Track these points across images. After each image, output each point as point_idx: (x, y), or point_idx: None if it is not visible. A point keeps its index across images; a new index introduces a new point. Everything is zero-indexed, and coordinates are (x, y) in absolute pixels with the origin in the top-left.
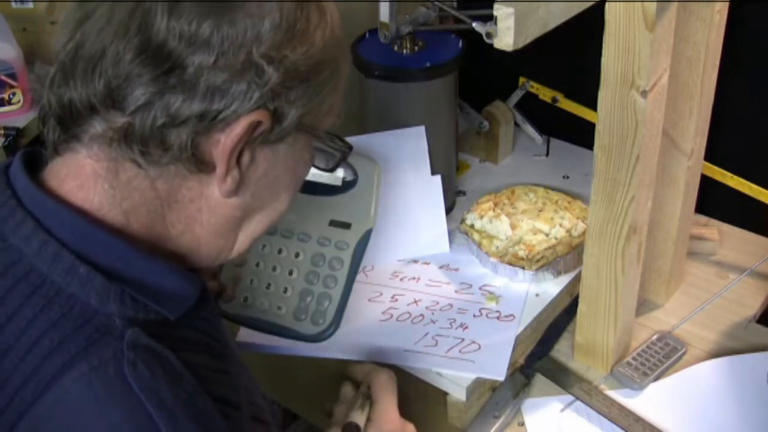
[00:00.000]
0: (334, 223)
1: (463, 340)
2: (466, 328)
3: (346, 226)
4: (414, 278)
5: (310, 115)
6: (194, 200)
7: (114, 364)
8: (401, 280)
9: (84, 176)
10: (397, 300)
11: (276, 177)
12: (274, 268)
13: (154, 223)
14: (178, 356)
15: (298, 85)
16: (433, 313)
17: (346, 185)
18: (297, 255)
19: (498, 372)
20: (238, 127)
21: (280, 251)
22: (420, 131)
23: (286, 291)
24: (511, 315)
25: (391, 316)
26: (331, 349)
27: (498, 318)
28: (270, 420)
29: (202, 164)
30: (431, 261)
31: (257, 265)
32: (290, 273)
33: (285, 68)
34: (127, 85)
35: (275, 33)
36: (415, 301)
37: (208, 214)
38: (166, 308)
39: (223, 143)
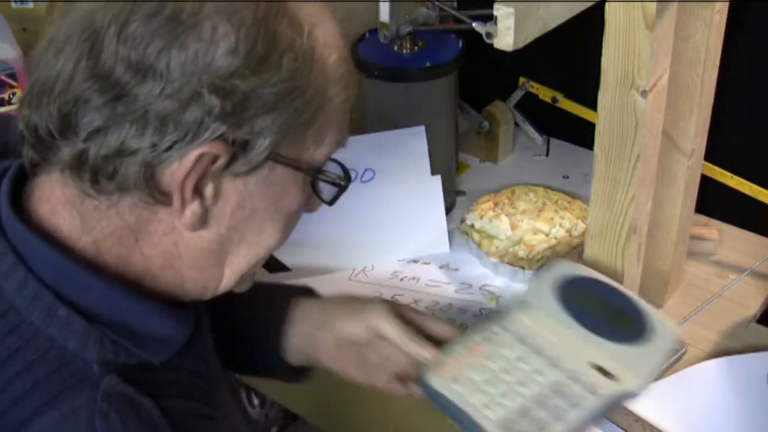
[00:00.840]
0: (597, 367)
1: None
2: (467, 328)
3: (610, 376)
4: (414, 278)
5: (289, 146)
6: (167, 233)
7: (86, 413)
8: (401, 280)
9: (54, 200)
10: (397, 300)
11: (253, 210)
12: (506, 371)
13: (129, 255)
14: (157, 403)
15: (263, 114)
16: (433, 313)
17: (632, 335)
18: (538, 372)
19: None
20: (187, 160)
21: (522, 360)
22: (420, 131)
23: (505, 397)
24: None
25: None
26: None
27: None
28: None
29: (160, 195)
30: (431, 261)
31: (489, 357)
32: (521, 384)
33: (239, 98)
34: (76, 111)
35: (230, 59)
36: (415, 301)
37: (184, 247)
38: (150, 352)
39: (174, 172)
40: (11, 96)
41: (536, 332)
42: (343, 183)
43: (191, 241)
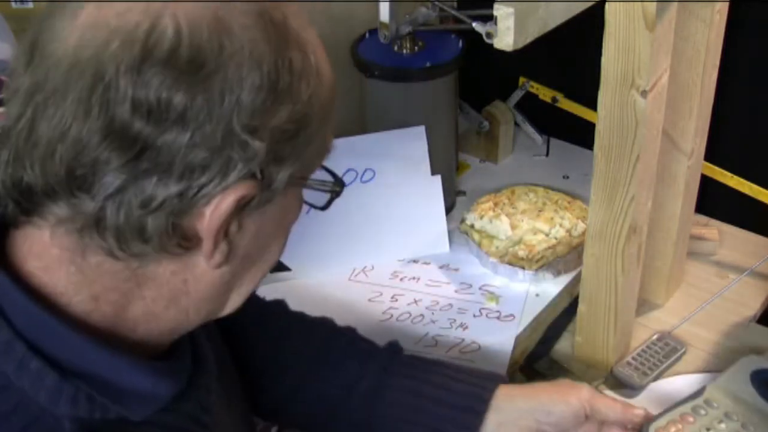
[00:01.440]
0: None
1: (463, 340)
2: (466, 328)
3: None
4: (414, 278)
5: (301, 169)
6: (177, 273)
7: None
8: (401, 280)
9: (49, 258)
10: (397, 300)
11: (266, 235)
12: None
13: (129, 303)
14: None
15: (285, 145)
16: (433, 313)
17: None
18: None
19: (498, 372)
20: (224, 204)
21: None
22: (420, 131)
23: None
24: (511, 315)
25: (391, 316)
26: None
27: (498, 318)
28: None
29: (187, 242)
30: (431, 261)
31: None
32: None
33: (272, 134)
34: (93, 172)
35: (256, 96)
36: (415, 301)
37: (194, 283)
38: (129, 409)
39: (209, 220)
40: None
41: (738, 412)
42: (338, 189)
43: (203, 276)
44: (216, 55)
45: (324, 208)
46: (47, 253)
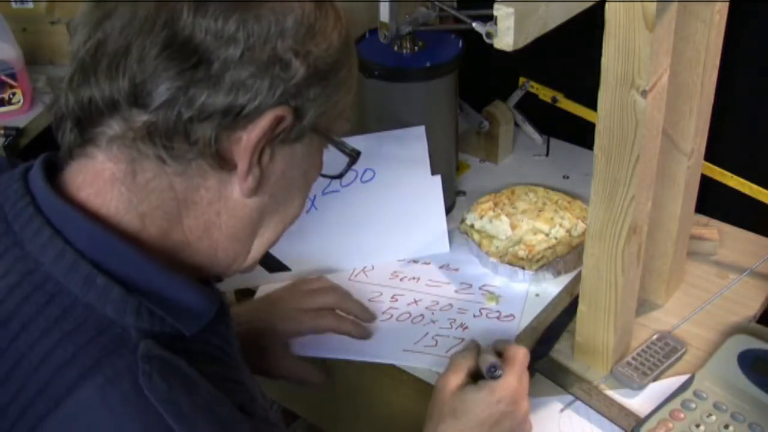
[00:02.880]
0: None
1: (463, 340)
2: (466, 328)
3: None
4: (414, 278)
5: (326, 116)
6: (213, 203)
7: (129, 376)
8: (401, 280)
9: (101, 182)
10: (397, 300)
11: (292, 178)
12: None
13: (171, 228)
14: (192, 366)
15: (317, 83)
16: (433, 313)
17: None
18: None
19: None
20: (263, 121)
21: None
22: (420, 131)
23: None
24: (511, 315)
25: (391, 316)
26: (330, 349)
27: (498, 318)
28: (278, 420)
29: (223, 161)
30: (431, 261)
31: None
32: None
33: (308, 64)
34: (152, 81)
35: (298, 29)
36: (415, 301)
37: (226, 216)
38: (182, 323)
39: (246, 139)
40: (11, 96)
41: (728, 401)
42: (355, 155)
43: (235, 209)
44: None
45: (340, 175)
46: (99, 178)
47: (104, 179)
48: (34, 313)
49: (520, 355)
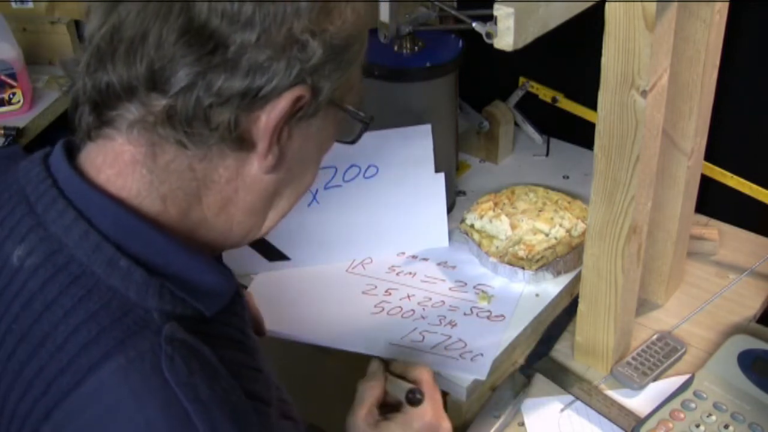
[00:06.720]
0: None
1: (450, 337)
2: (455, 325)
3: None
4: (410, 273)
5: (340, 89)
6: (231, 180)
7: (151, 357)
8: (398, 274)
9: (122, 163)
10: (390, 294)
11: (308, 151)
12: None
13: (190, 207)
14: (214, 352)
15: (333, 59)
16: (424, 309)
17: None
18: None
19: (480, 371)
20: (282, 102)
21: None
22: (426, 129)
23: None
24: (501, 315)
25: (383, 309)
26: (319, 337)
27: (488, 317)
28: (299, 418)
29: (243, 142)
30: (430, 257)
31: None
32: None
33: (325, 42)
34: (170, 67)
35: (313, 8)
36: (408, 296)
37: (244, 192)
38: (203, 304)
39: (266, 120)
40: (11, 96)
41: (728, 401)
42: (368, 121)
43: (253, 185)
44: None
45: (353, 141)
46: (120, 160)
47: (125, 161)
48: (58, 293)
49: (426, 375)
